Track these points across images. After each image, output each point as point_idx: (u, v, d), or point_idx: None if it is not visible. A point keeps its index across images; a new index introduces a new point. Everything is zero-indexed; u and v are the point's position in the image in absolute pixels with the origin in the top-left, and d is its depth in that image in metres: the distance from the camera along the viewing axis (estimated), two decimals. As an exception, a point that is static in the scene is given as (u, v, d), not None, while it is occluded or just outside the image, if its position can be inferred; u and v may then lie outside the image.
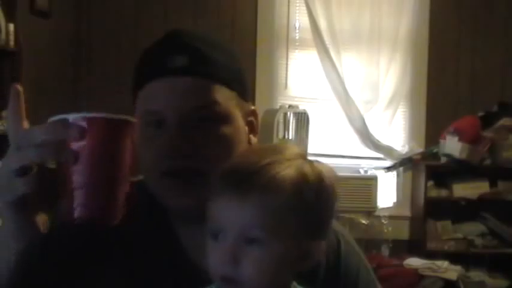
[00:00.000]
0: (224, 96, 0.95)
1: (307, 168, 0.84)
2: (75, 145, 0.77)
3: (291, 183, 0.81)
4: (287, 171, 0.82)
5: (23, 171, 0.77)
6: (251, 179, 0.80)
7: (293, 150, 0.87)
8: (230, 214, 0.80)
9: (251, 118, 1.04)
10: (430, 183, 4.33)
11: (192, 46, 0.95)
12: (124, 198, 0.81)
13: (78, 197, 0.77)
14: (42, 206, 0.83)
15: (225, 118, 0.95)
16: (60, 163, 0.78)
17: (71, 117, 0.77)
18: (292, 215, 0.81)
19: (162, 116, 0.93)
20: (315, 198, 0.83)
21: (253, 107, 1.05)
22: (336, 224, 1.05)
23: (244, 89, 1.02)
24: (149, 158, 0.94)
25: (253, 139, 1.05)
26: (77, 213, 0.78)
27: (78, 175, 0.77)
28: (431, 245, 4.29)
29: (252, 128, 1.04)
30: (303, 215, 0.82)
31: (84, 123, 0.76)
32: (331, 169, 0.88)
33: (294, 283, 0.88)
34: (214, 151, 0.92)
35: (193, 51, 0.95)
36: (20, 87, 0.80)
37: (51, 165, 0.79)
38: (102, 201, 0.79)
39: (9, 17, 3.29)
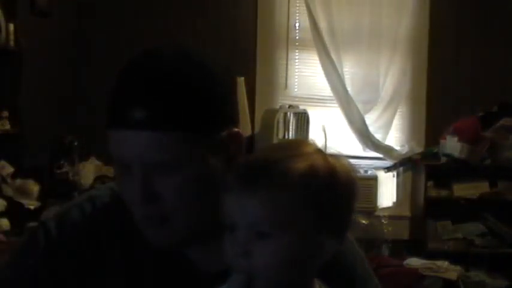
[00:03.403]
0: (186, 143, 0.92)
1: (319, 162, 0.84)
2: None
3: (299, 177, 0.81)
4: (296, 165, 0.82)
5: None
6: (260, 174, 0.82)
7: (309, 145, 0.88)
8: (240, 209, 0.82)
9: (230, 145, 0.97)
10: (430, 183, 4.32)
11: (153, 95, 0.92)
12: None
13: None
14: None
15: (186, 166, 0.93)
16: None
17: None
18: (302, 209, 0.82)
19: (127, 162, 0.94)
20: (326, 192, 0.83)
21: (235, 130, 0.97)
22: None
23: (219, 120, 0.95)
24: (125, 197, 0.97)
25: None
26: None
27: None
28: (431, 245, 4.29)
29: (234, 154, 0.97)
30: (314, 209, 0.82)
31: None
32: (350, 164, 0.87)
33: (320, 283, 0.88)
34: (175, 199, 0.93)
35: (153, 101, 0.91)
36: None
37: None
38: None
39: (9, 17, 3.29)
